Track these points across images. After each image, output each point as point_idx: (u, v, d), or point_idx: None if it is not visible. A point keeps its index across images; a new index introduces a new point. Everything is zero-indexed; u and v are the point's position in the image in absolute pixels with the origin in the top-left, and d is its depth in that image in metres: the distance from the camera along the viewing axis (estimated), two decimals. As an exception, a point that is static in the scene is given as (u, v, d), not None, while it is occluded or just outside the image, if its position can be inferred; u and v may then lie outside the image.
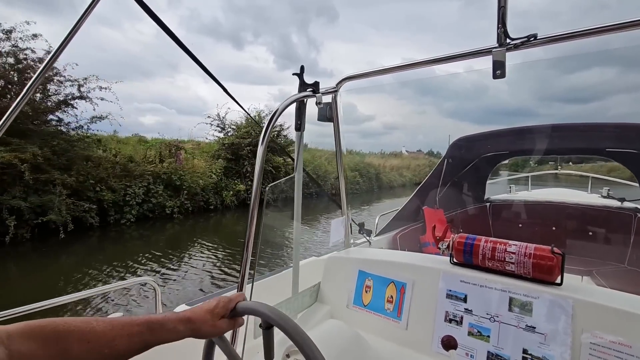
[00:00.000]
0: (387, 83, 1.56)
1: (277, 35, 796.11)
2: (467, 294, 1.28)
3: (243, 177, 13.83)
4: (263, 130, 1.12)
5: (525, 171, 6.19)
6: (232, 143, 13.89)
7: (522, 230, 3.88)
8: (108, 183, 9.52)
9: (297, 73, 1.38)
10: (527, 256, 1.20)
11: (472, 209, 4.19)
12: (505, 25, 1.04)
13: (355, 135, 67.09)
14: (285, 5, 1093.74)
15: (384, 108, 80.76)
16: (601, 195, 4.20)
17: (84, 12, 1.10)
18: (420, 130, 52.69)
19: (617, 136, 3.09)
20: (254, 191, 1.10)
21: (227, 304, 0.73)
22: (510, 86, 62.96)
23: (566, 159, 7.94)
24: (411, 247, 3.19)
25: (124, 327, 0.59)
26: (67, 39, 1.10)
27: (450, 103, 77.39)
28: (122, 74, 71.70)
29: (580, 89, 59.94)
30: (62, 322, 0.53)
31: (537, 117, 38.93)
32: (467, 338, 1.23)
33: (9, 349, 0.47)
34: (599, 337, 1.02)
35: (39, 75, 1.13)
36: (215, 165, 13.39)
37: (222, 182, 13.22)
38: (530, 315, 1.14)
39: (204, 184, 12.32)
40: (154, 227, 10.07)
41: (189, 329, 0.67)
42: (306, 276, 1.66)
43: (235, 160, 13.98)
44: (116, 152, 10.76)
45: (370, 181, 21.99)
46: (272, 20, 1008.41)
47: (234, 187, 13.33)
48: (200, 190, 12.16)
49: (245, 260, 1.09)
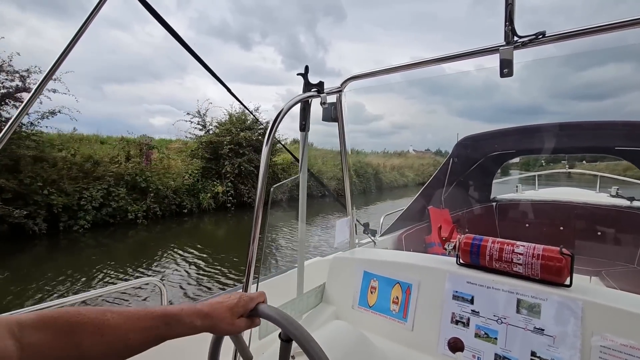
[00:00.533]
0: (395, 82, 1.54)
1: (284, 36, 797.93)
2: (474, 295, 1.26)
3: (223, 178, 12.97)
4: (267, 131, 1.12)
5: (536, 170, 6.10)
6: (210, 141, 13.07)
7: (529, 230, 3.84)
8: (60, 186, 8.58)
9: (301, 73, 1.37)
10: (535, 257, 1.18)
11: (478, 208, 4.15)
12: (513, 22, 1.03)
13: (364, 134, 66.82)
14: (292, 6, 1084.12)
15: (392, 107, 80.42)
16: (610, 195, 4.14)
17: (90, 13, 1.11)
18: (429, 129, 52.27)
19: (627, 134, 3.05)
20: (258, 192, 1.09)
21: (247, 303, 0.71)
22: (522, 84, 62.02)
23: (579, 158, 7.79)
24: (416, 247, 3.17)
25: (139, 320, 0.57)
26: (74, 39, 1.10)
27: (460, 102, 76.62)
28: (132, 76, 72.32)
29: (594, 85, 58.65)
30: (75, 313, 0.52)
31: (549, 115, 38.34)
32: (474, 340, 1.22)
33: (20, 342, 0.46)
34: (609, 339, 1.00)
35: (47, 75, 1.13)
36: (192, 166, 12.56)
37: (198, 183, 12.29)
38: (538, 317, 1.12)
39: (176, 185, 11.37)
40: (115, 234, 9.10)
41: (206, 325, 0.65)
42: (311, 276, 1.65)
43: (215, 160, 13.10)
44: (74, 151, 9.76)
45: (368, 181, 21.44)
46: (280, 21, 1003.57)
47: (212, 189, 12.43)
48: (172, 192, 11.18)
49: (249, 260, 1.09)
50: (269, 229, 1.20)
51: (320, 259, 2.14)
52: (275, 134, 1.17)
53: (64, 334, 0.50)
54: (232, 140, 13.00)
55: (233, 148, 13.00)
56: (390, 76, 1.42)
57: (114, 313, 0.55)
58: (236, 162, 12.96)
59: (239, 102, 1.57)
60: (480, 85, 26.24)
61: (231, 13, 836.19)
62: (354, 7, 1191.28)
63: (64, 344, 0.49)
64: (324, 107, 1.46)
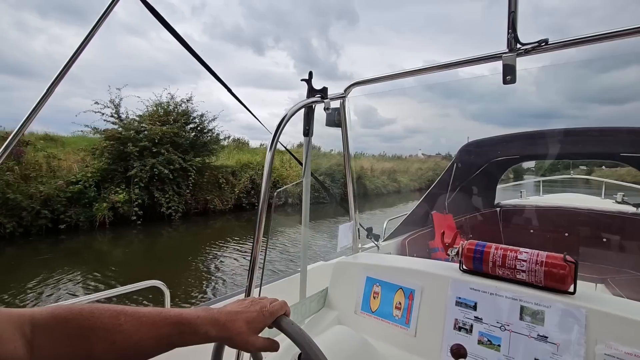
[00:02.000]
0: (408, 86, 1.53)
1: (297, 40, 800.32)
2: (477, 301, 1.26)
3: (132, 183, 10.30)
4: (272, 136, 1.13)
5: (555, 174, 5.99)
6: (115, 137, 10.34)
7: (533, 236, 3.81)
8: None
9: (305, 79, 1.39)
10: (538, 264, 1.18)
11: (482, 214, 4.14)
12: (516, 30, 1.03)
13: (377, 138, 66.30)
14: (305, 10, 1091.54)
15: (405, 111, 79.70)
16: (615, 201, 4.11)
17: (100, 16, 1.13)
18: (443, 133, 51.57)
19: (632, 141, 3.03)
20: (262, 196, 1.10)
21: (266, 318, 0.65)
22: (539, 87, 61.09)
23: (598, 163, 7.58)
24: (420, 252, 3.16)
25: (153, 326, 0.55)
26: (85, 40, 1.12)
27: (475, 105, 75.50)
28: (149, 81, 73.44)
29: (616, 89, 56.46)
30: (89, 314, 0.50)
31: (567, 119, 37.37)
32: (477, 347, 1.21)
33: (31, 344, 0.45)
34: (613, 348, 0.99)
35: (58, 76, 1.15)
36: (89, 168, 10.04)
37: (90, 189, 9.54)
38: (542, 324, 1.12)
39: (47, 192, 8.64)
40: None
41: (221, 336, 0.61)
42: (314, 281, 1.65)
43: (124, 161, 10.48)
44: None
45: (345, 187, 19.19)
46: (293, 25, 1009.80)
47: (113, 197, 9.78)
48: (40, 203, 8.47)
49: (252, 264, 1.09)
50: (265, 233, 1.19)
51: (324, 264, 2.14)
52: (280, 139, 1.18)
53: (76, 339, 0.49)
54: (147, 137, 10.57)
55: (146, 146, 10.47)
56: (403, 80, 1.42)
57: (128, 316, 0.53)
58: (148, 164, 10.40)
59: (243, 106, 1.58)
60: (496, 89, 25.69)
61: (245, 18, 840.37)
62: (367, 10, 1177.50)
63: (75, 349, 0.49)
64: (327, 112, 1.47)
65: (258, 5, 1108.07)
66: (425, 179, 23.10)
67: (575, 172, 6.73)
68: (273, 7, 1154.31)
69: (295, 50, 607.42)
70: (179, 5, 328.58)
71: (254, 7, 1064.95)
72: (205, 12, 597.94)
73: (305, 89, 1.40)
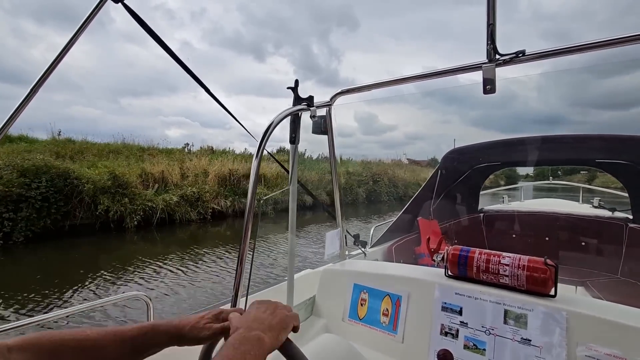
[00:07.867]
0: (408, 93, 1.52)
1: (298, 46, 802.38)
2: (463, 306, 1.28)
3: None
4: (258, 144, 1.13)
5: (555, 179, 6.12)
6: None
7: (515, 240, 3.91)
8: None
9: (291, 87, 1.40)
10: (520, 268, 1.21)
11: (466, 219, 4.21)
12: (495, 41, 1.07)
13: (377, 145, 66.50)
14: (306, 16, 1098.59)
15: (405, 118, 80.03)
16: (592, 206, 4.25)
17: (83, 21, 1.11)
18: (444, 139, 52.23)
19: (605, 148, 3.16)
20: (248, 204, 1.09)
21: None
22: (540, 93, 62.08)
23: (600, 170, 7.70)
24: (406, 258, 3.18)
25: (116, 334, 0.60)
26: (68, 44, 1.10)
27: (476, 112, 76.61)
28: (150, 89, 72.20)
29: (619, 94, 58.30)
30: (57, 332, 0.57)
31: (569, 125, 38.44)
32: (463, 351, 1.22)
33: None
34: (593, 349, 1.02)
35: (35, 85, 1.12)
36: None
37: None
38: (525, 327, 1.14)
39: None
40: None
41: (177, 338, 0.65)
42: (301, 289, 1.64)
43: None
44: None
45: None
46: (293, 31, 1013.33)
47: None
48: None
49: (239, 274, 1.08)
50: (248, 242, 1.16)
51: (311, 271, 2.13)
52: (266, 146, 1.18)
53: (47, 352, 0.54)
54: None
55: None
56: (402, 87, 1.40)
57: (94, 330, 0.60)
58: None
59: (232, 117, 1.57)
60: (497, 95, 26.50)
61: (244, 25, 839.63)
62: (367, 17, 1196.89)
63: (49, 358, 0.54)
64: (314, 120, 1.48)
65: (258, 11, 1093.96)
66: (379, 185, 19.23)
67: (575, 179, 6.85)
68: (273, 13, 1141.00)
69: (296, 57, 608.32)
70: (177, 11, 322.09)
71: (253, 13, 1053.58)
72: (204, 18, 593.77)
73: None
